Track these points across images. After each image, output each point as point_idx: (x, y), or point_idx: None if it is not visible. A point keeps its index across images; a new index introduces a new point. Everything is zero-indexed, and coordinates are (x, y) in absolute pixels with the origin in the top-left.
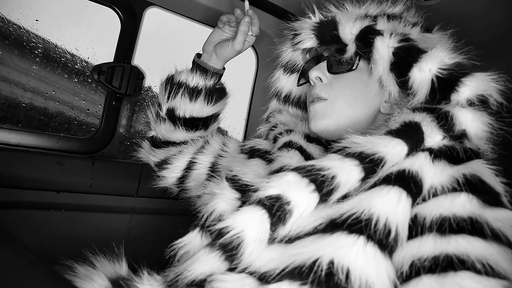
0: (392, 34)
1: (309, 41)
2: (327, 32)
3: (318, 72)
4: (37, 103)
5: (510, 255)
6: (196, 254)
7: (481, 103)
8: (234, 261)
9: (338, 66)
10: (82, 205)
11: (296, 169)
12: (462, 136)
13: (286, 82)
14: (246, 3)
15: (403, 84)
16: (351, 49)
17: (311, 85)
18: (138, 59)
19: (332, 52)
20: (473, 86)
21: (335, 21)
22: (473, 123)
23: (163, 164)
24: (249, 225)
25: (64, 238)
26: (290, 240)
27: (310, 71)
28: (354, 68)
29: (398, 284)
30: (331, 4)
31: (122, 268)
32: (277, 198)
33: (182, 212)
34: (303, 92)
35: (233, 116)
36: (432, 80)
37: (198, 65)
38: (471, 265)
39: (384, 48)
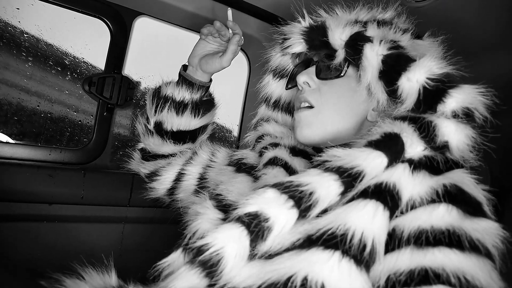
0: (381, 41)
1: (298, 45)
2: (317, 38)
3: (306, 77)
4: (30, 113)
5: (489, 266)
6: (177, 271)
7: (465, 115)
8: (214, 277)
9: (327, 72)
10: (75, 216)
11: (275, 186)
12: (444, 147)
13: (276, 87)
14: (229, 13)
15: (392, 92)
16: (340, 55)
17: (299, 89)
18: (130, 69)
19: (321, 58)
20: (459, 98)
21: (324, 27)
22: (455, 135)
23: (153, 175)
24: (229, 242)
25: (57, 249)
26: (270, 256)
27: (298, 75)
28: (342, 74)
29: None
30: (321, 9)
31: (111, 279)
32: (256, 215)
33: (175, 221)
34: (293, 97)
35: (227, 120)
36: (419, 90)
37: (184, 78)
38: (445, 279)
39: (373, 56)
